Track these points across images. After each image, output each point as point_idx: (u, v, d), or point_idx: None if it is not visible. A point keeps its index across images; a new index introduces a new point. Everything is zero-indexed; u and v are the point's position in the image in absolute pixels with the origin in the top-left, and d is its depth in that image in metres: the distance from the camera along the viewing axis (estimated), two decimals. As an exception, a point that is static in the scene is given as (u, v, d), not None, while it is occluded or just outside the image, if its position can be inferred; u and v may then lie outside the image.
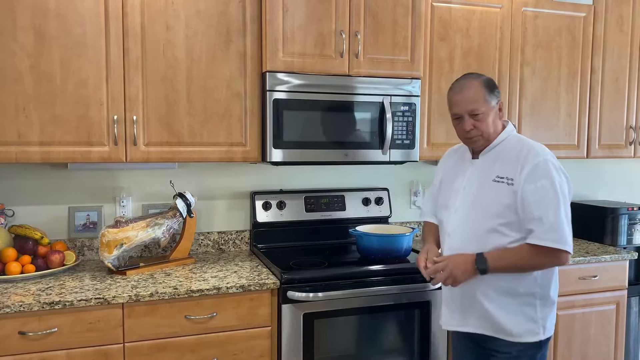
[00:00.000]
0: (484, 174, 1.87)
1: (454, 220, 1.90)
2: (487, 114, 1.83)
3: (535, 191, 1.74)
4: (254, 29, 2.41)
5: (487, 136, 1.85)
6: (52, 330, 1.93)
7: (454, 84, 1.90)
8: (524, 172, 1.76)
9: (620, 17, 3.08)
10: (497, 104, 1.87)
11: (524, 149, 1.82)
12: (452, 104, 1.88)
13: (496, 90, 1.87)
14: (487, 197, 1.83)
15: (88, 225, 2.59)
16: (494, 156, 1.87)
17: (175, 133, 2.33)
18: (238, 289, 2.14)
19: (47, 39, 2.14)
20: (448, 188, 1.99)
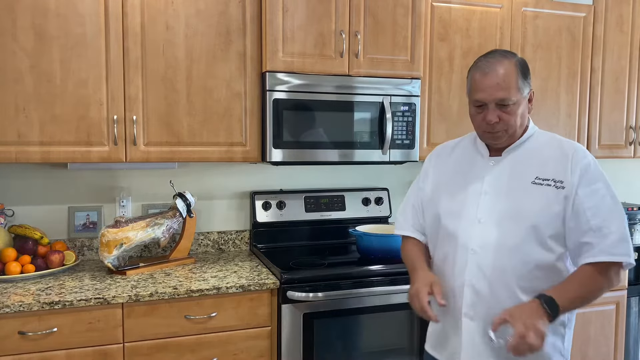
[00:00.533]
0: (517, 175, 1.51)
1: (480, 233, 1.50)
2: (518, 104, 1.48)
3: (590, 196, 1.43)
4: (253, 29, 2.41)
5: (513, 132, 1.51)
6: (52, 330, 1.93)
7: (481, 61, 1.50)
8: (576, 173, 1.44)
9: (620, 17, 3.09)
10: (529, 92, 1.53)
11: (567, 146, 1.52)
12: (477, 87, 1.48)
13: (529, 75, 1.52)
14: (531, 203, 1.46)
15: (88, 225, 2.59)
16: (526, 154, 1.54)
17: (175, 133, 2.33)
18: (238, 289, 2.14)
19: (47, 39, 2.14)
20: (457, 193, 1.59)
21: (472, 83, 1.51)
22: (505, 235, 1.47)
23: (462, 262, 1.52)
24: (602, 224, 1.41)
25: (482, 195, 1.53)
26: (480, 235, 1.50)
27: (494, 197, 1.52)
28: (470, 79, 1.52)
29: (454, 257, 1.54)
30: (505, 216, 1.49)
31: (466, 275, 1.51)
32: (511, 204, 1.49)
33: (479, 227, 1.51)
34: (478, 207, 1.53)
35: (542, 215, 1.45)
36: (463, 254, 1.52)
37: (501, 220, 1.49)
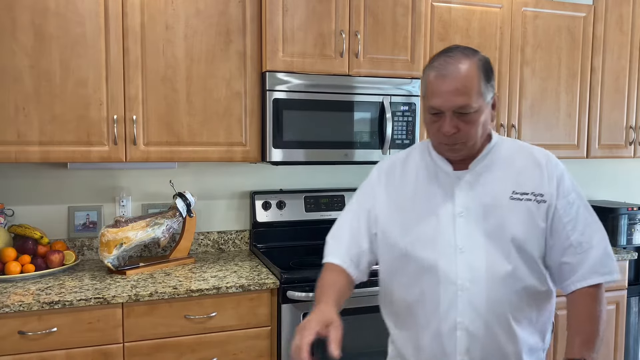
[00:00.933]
0: (492, 191, 1.32)
1: (466, 264, 1.29)
2: (480, 112, 1.26)
3: (568, 209, 1.29)
4: (253, 29, 2.40)
5: (473, 144, 1.30)
6: (52, 330, 1.93)
7: (438, 61, 1.28)
8: (553, 184, 1.31)
9: (620, 17, 3.08)
10: (493, 98, 1.31)
11: (538, 154, 1.36)
12: (432, 92, 1.26)
13: (493, 77, 1.32)
14: (515, 223, 1.28)
15: (88, 225, 2.59)
16: (496, 165, 1.35)
17: (175, 133, 2.33)
18: (238, 289, 2.14)
19: (46, 38, 2.13)
20: (425, 217, 1.34)
21: (427, 86, 1.29)
22: (494, 264, 1.27)
23: (450, 301, 1.28)
24: (581, 239, 1.29)
25: (457, 218, 1.31)
26: (466, 267, 1.28)
27: (470, 219, 1.30)
28: (426, 81, 1.30)
29: (437, 295, 1.30)
30: (489, 241, 1.29)
31: (458, 317, 1.27)
32: (493, 225, 1.29)
33: (463, 258, 1.29)
34: (455, 233, 1.31)
35: (529, 235, 1.28)
36: (449, 291, 1.28)
37: (486, 246, 1.28)
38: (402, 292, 1.38)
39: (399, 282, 1.38)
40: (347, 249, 1.43)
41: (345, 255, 1.42)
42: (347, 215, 1.48)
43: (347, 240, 1.44)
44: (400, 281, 1.38)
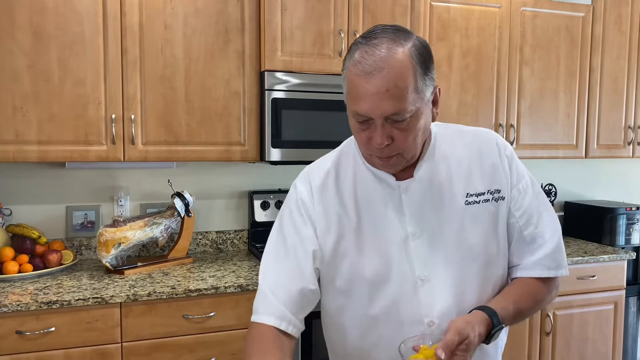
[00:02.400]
0: (440, 199, 1.10)
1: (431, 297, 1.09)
2: (419, 115, 1.01)
3: (517, 198, 1.13)
4: (252, 28, 2.40)
5: (412, 154, 1.06)
6: (50, 330, 1.92)
7: (359, 51, 0.99)
8: (505, 170, 1.13)
9: (619, 17, 3.09)
10: (434, 92, 1.05)
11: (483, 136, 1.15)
12: (356, 93, 1.00)
13: (432, 66, 1.03)
14: (473, 235, 1.10)
15: (86, 224, 2.58)
16: (441, 165, 1.12)
17: (173, 132, 2.33)
18: (236, 289, 2.13)
19: (45, 37, 2.13)
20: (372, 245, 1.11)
21: (349, 85, 1.02)
22: (460, 291, 1.09)
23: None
24: (535, 233, 1.12)
25: (410, 241, 1.09)
26: (430, 302, 1.08)
27: (426, 240, 1.09)
28: (346, 76, 1.02)
29: (400, 338, 1.04)
30: (451, 266, 1.09)
31: None
32: (451, 245, 1.09)
33: (424, 291, 1.08)
34: (411, 261, 1.09)
35: (492, 245, 1.11)
36: (415, 332, 1.07)
37: (449, 273, 1.09)
38: (354, 339, 1.15)
39: (351, 327, 1.15)
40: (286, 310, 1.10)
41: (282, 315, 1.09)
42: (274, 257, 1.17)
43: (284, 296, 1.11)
44: (352, 325, 1.14)
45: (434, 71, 1.03)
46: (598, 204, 3.28)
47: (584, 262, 2.72)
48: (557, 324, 2.69)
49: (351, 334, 1.15)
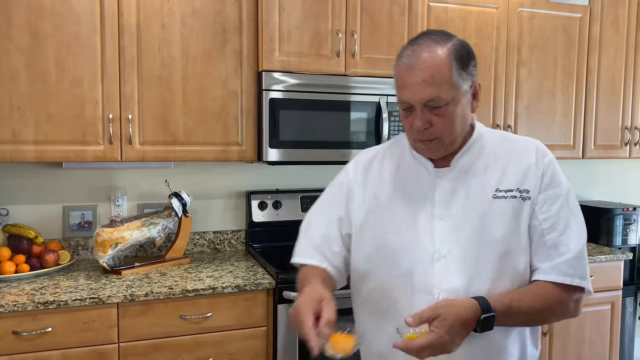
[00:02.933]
0: (474, 190, 1.21)
1: (442, 272, 1.18)
2: (455, 103, 1.15)
3: (547, 204, 1.19)
4: (250, 28, 2.40)
5: (451, 140, 1.19)
6: (47, 330, 1.92)
7: (407, 50, 1.17)
8: (538, 174, 1.20)
9: (616, 17, 3.09)
10: (472, 86, 1.19)
11: (525, 143, 1.27)
12: (401, 84, 1.17)
13: (472, 63, 1.18)
14: (497, 225, 1.18)
15: (83, 224, 2.58)
16: (478, 159, 1.24)
17: (170, 132, 2.33)
18: (233, 289, 2.13)
19: (42, 37, 2.12)
20: (403, 219, 1.24)
21: (397, 78, 1.19)
22: (474, 274, 1.17)
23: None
24: (558, 241, 1.17)
25: (436, 220, 1.21)
26: (443, 276, 1.18)
27: (450, 222, 1.20)
28: (395, 72, 1.20)
29: (411, 305, 1.18)
30: (469, 248, 1.18)
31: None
32: (473, 229, 1.18)
33: (440, 265, 1.18)
34: (433, 237, 1.20)
35: (512, 238, 1.17)
36: (424, 300, 1.16)
37: (466, 254, 1.17)
38: (374, 301, 1.28)
39: (371, 289, 1.28)
40: (321, 250, 1.31)
41: (319, 255, 1.31)
42: (317, 219, 1.38)
43: (318, 242, 1.33)
44: (373, 289, 1.27)
45: (474, 68, 1.18)
46: (595, 205, 3.29)
47: (581, 263, 2.72)
48: (554, 324, 2.70)
49: (372, 297, 1.29)
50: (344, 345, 1.06)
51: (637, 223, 3.24)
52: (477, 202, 1.20)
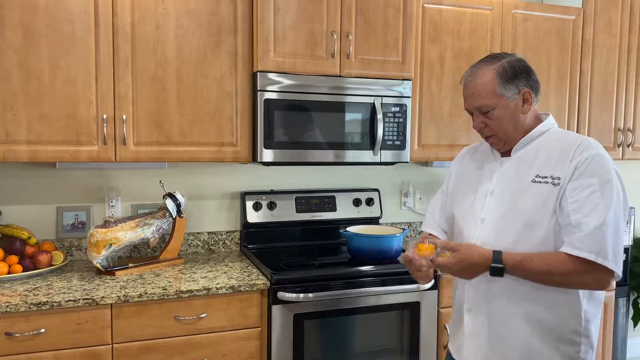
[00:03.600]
0: (519, 174, 1.50)
1: (481, 233, 1.52)
2: (502, 109, 1.48)
3: (577, 190, 1.38)
4: (245, 29, 2.40)
5: (505, 136, 1.52)
6: (40, 331, 1.91)
7: (467, 71, 1.55)
8: (572, 167, 1.40)
9: (609, 20, 3.11)
10: (519, 94, 1.49)
11: (574, 141, 1.46)
12: (463, 96, 1.57)
13: (520, 77, 1.49)
14: (526, 202, 1.45)
15: (76, 225, 2.56)
16: (532, 152, 1.51)
17: (165, 133, 2.32)
18: (228, 290, 2.13)
19: (35, 36, 2.11)
20: (468, 194, 1.62)
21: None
22: (501, 235, 1.48)
23: None
24: (581, 220, 1.35)
25: (489, 195, 1.55)
26: (480, 235, 1.52)
27: (498, 197, 1.53)
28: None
29: None
30: (502, 216, 1.49)
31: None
32: (509, 203, 1.49)
33: (481, 227, 1.53)
34: (483, 207, 1.55)
35: (537, 215, 1.42)
36: None
37: (499, 220, 1.50)
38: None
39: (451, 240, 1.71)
40: (435, 221, 1.77)
41: (435, 225, 1.76)
42: (438, 193, 1.83)
43: (437, 214, 1.78)
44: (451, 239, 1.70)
45: (522, 81, 1.50)
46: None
47: (574, 263, 2.73)
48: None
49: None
50: (425, 251, 1.48)
51: (630, 224, 3.26)
52: (520, 184, 1.49)
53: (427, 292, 2.41)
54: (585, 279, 1.37)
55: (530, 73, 1.52)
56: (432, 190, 3.21)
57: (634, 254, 3.52)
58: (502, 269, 1.39)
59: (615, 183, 1.39)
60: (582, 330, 1.45)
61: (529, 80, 1.51)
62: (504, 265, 1.39)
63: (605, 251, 1.33)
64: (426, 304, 2.42)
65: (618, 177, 1.42)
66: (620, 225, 1.38)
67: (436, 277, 2.44)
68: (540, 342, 1.45)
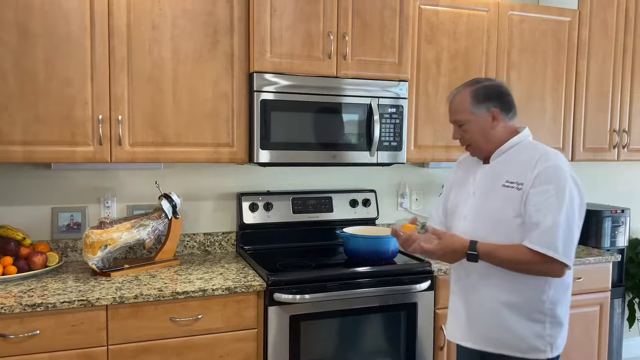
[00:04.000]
0: (493, 179, 1.77)
1: (464, 227, 1.80)
2: (472, 124, 1.78)
3: (537, 195, 1.65)
4: (241, 30, 2.39)
5: (477, 146, 1.81)
6: (34, 333, 1.90)
7: (452, 90, 1.89)
8: (534, 175, 1.67)
9: (605, 21, 3.12)
10: (489, 113, 1.77)
11: (537, 153, 1.72)
12: (448, 110, 1.90)
13: (491, 99, 1.77)
14: (495, 203, 1.73)
15: (72, 226, 2.55)
16: (506, 160, 1.78)
17: (161, 133, 2.31)
18: (224, 291, 2.12)
19: (30, 36, 2.10)
20: (458, 194, 1.90)
21: None
22: (476, 230, 1.75)
23: None
24: (539, 220, 1.63)
25: (471, 196, 1.82)
26: (462, 230, 1.80)
27: (477, 197, 1.80)
28: None
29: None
30: (479, 214, 1.78)
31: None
32: (483, 203, 1.78)
33: (463, 222, 1.82)
34: (466, 206, 1.83)
35: (502, 213, 1.71)
36: None
37: (475, 217, 1.78)
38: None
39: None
40: (439, 218, 1.99)
41: (439, 221, 1.98)
42: (442, 194, 2.04)
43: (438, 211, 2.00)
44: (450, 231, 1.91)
45: (490, 102, 1.77)
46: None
47: (570, 264, 2.74)
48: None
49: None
50: (408, 230, 1.81)
51: (626, 225, 3.27)
52: (493, 187, 1.76)
53: (424, 293, 2.41)
54: (541, 268, 1.65)
55: (502, 97, 1.79)
56: (429, 191, 3.21)
57: (629, 255, 3.54)
58: (476, 255, 1.68)
59: (568, 189, 1.64)
60: (546, 311, 1.71)
61: (500, 102, 1.78)
62: (477, 252, 1.68)
63: (555, 246, 1.61)
64: (423, 305, 2.42)
65: (575, 184, 1.68)
66: (573, 224, 1.65)
67: (433, 279, 2.44)
68: (511, 320, 1.71)
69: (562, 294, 1.74)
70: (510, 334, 1.71)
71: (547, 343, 1.71)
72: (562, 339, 1.75)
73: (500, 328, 1.73)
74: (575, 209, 1.65)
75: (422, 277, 2.41)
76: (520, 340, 1.71)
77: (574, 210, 1.65)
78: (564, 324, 1.75)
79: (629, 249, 3.54)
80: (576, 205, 1.66)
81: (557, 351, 1.73)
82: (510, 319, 1.71)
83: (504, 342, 1.73)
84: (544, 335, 1.71)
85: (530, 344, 1.71)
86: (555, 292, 1.72)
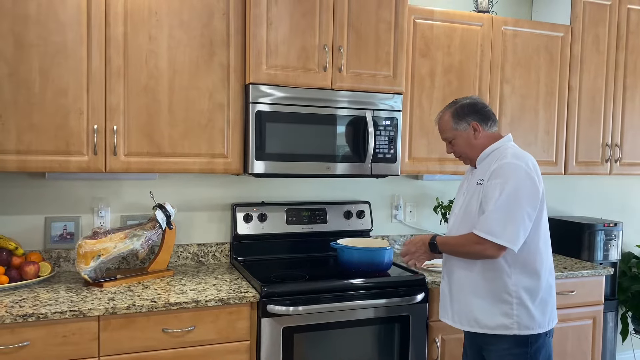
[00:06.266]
0: (474, 180, 2.02)
1: (450, 223, 2.10)
2: (458, 138, 2.04)
3: (487, 188, 1.90)
4: (237, 42, 2.41)
5: (466, 155, 2.07)
6: (25, 344, 1.88)
7: (437, 113, 2.16)
8: (490, 171, 1.93)
9: (597, 37, 3.16)
10: (469, 126, 2.02)
11: (500, 153, 1.97)
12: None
13: (469, 115, 2.02)
14: (470, 200, 1.99)
15: (65, 235, 2.54)
16: (484, 165, 2.02)
17: (156, 143, 2.31)
18: (217, 302, 2.11)
19: (26, 46, 2.11)
20: (457, 197, 2.17)
21: None
22: (454, 224, 2.06)
23: None
24: (485, 208, 1.89)
25: (462, 196, 2.09)
26: (450, 225, 2.10)
27: (464, 197, 2.06)
28: None
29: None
30: (460, 211, 2.05)
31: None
32: (464, 201, 2.04)
33: (451, 220, 2.11)
34: (457, 205, 2.10)
35: (470, 207, 1.97)
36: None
37: (458, 213, 2.06)
38: None
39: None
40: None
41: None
42: None
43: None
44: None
45: (469, 117, 2.02)
46: (577, 220, 3.33)
47: (563, 278, 2.75)
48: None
49: None
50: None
51: (618, 238, 3.28)
52: (471, 186, 2.02)
53: (417, 305, 2.41)
54: (477, 249, 1.87)
55: (478, 110, 2.02)
56: (423, 203, 3.22)
57: (622, 269, 3.55)
58: (436, 245, 2.00)
59: (515, 181, 1.85)
60: (512, 293, 1.91)
61: (478, 115, 2.01)
62: (436, 242, 2.00)
63: (491, 229, 1.84)
64: (416, 317, 2.42)
65: (529, 177, 1.86)
66: (514, 210, 1.83)
67: (427, 291, 2.44)
68: (483, 300, 1.93)
69: (528, 278, 1.92)
70: (479, 312, 1.94)
71: (515, 322, 1.90)
72: (529, 320, 1.91)
73: (476, 308, 1.95)
74: (522, 198, 1.85)
75: (416, 289, 2.41)
76: (487, 318, 1.93)
77: (517, 198, 1.84)
78: (530, 307, 1.91)
79: (622, 263, 3.55)
80: (523, 194, 1.85)
81: (526, 330, 1.91)
82: (484, 300, 1.94)
83: (474, 319, 1.95)
84: (512, 314, 1.91)
85: (496, 321, 1.92)
86: (519, 277, 1.92)
